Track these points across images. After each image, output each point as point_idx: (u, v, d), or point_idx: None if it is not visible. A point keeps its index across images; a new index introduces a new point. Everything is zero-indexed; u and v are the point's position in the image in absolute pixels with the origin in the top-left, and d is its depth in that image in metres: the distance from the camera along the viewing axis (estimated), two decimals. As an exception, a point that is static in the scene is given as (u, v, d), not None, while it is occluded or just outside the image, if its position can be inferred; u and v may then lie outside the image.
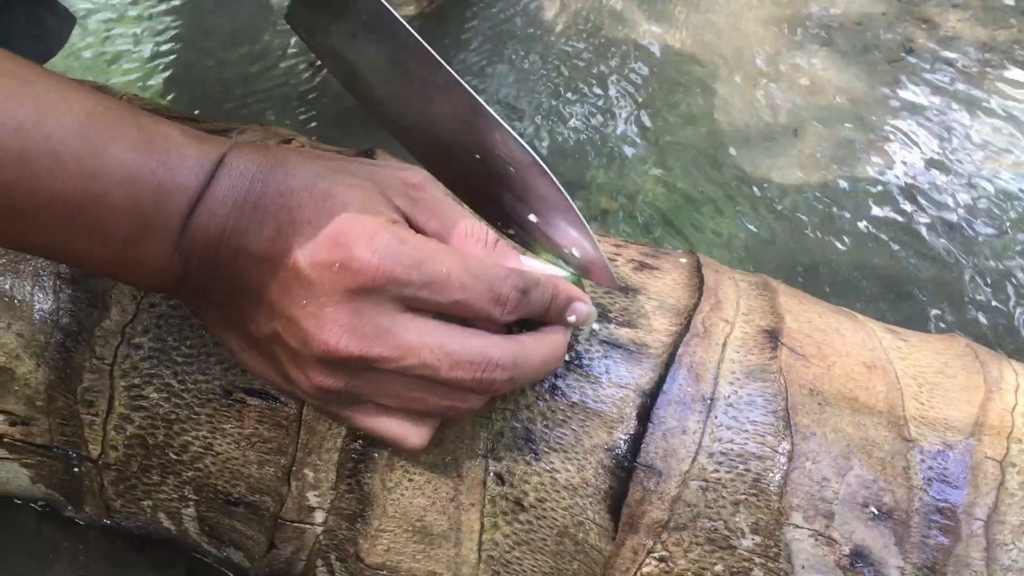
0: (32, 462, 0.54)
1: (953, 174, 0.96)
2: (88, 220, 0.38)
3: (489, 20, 1.10)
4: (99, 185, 0.38)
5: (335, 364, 0.39)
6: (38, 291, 0.51)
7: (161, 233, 0.40)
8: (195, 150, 0.41)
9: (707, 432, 0.46)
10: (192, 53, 1.03)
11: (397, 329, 0.39)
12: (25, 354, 0.51)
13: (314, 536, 0.51)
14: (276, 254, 0.39)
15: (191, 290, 0.42)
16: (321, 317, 0.38)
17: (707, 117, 1.01)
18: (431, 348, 0.40)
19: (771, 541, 0.45)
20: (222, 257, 0.40)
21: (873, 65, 1.07)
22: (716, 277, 0.53)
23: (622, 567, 0.47)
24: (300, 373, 0.41)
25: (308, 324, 0.39)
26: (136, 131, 0.39)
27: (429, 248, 0.40)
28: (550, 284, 0.43)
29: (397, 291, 0.39)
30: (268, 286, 0.39)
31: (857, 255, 0.89)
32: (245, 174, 0.41)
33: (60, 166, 0.37)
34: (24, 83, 0.37)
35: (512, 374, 0.41)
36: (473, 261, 0.40)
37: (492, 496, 0.48)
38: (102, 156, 0.38)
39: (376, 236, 0.38)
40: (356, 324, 0.39)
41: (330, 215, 0.39)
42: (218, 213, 0.40)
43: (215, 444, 0.50)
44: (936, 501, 0.46)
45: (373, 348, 0.39)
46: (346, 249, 0.38)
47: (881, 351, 0.51)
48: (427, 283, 0.39)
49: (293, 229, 0.39)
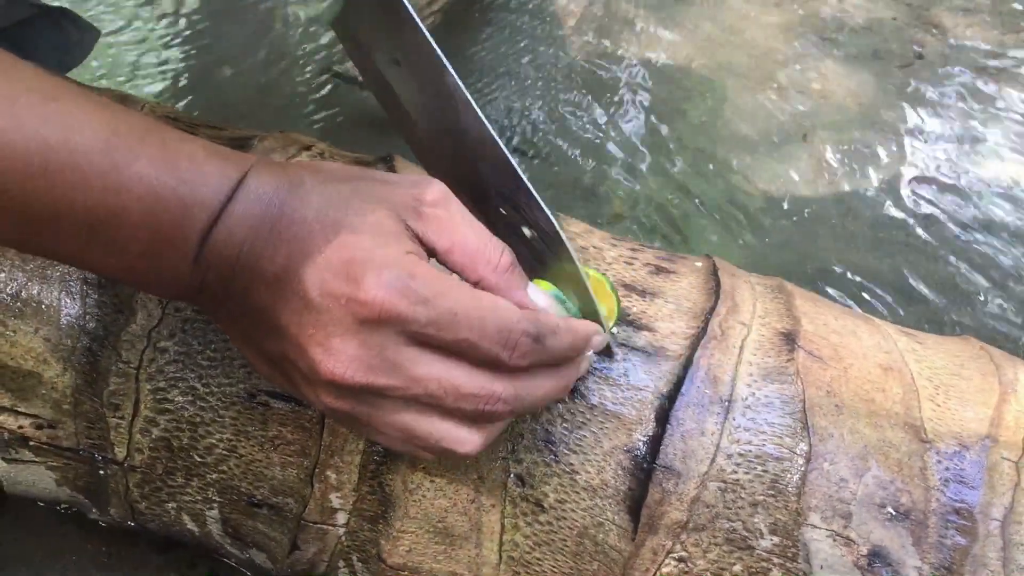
0: (58, 465, 0.55)
1: (964, 178, 0.96)
2: (108, 233, 0.39)
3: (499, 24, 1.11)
4: (120, 200, 0.39)
5: (342, 390, 0.40)
6: (65, 296, 0.52)
7: (179, 248, 0.40)
8: (216, 168, 0.41)
9: (725, 434, 0.47)
10: (208, 60, 1.05)
11: (402, 361, 0.40)
12: (52, 358, 0.52)
13: (336, 537, 0.52)
14: (287, 280, 0.40)
15: (208, 302, 0.43)
16: (328, 346, 0.39)
17: (717, 122, 1.01)
18: (437, 380, 0.40)
19: (789, 541, 0.46)
20: (238, 276, 0.41)
21: (883, 70, 1.07)
22: (732, 280, 0.54)
23: (641, 567, 0.47)
24: (311, 392, 0.42)
25: (315, 352, 0.39)
26: (158, 148, 0.40)
27: (440, 285, 0.40)
28: (568, 332, 0.43)
29: (403, 326, 0.39)
30: (279, 310, 0.40)
31: (870, 259, 0.89)
32: (263, 197, 0.41)
33: (83, 181, 0.38)
34: (50, 99, 0.38)
35: (513, 407, 0.42)
36: (487, 301, 0.41)
37: (512, 497, 0.48)
38: (124, 173, 0.39)
39: (385, 271, 0.39)
40: (362, 355, 0.39)
41: (341, 246, 0.40)
42: (236, 233, 0.41)
43: (239, 446, 0.51)
44: (953, 501, 0.46)
45: (379, 378, 0.40)
46: (355, 284, 0.39)
47: (897, 353, 0.52)
48: (433, 321, 0.39)
49: (304, 257, 0.40)
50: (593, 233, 0.57)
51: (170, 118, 0.59)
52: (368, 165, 0.58)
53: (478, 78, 1.05)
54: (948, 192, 0.95)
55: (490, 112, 1.01)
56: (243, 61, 1.05)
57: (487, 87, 1.04)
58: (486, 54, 1.08)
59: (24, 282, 0.52)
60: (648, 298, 0.51)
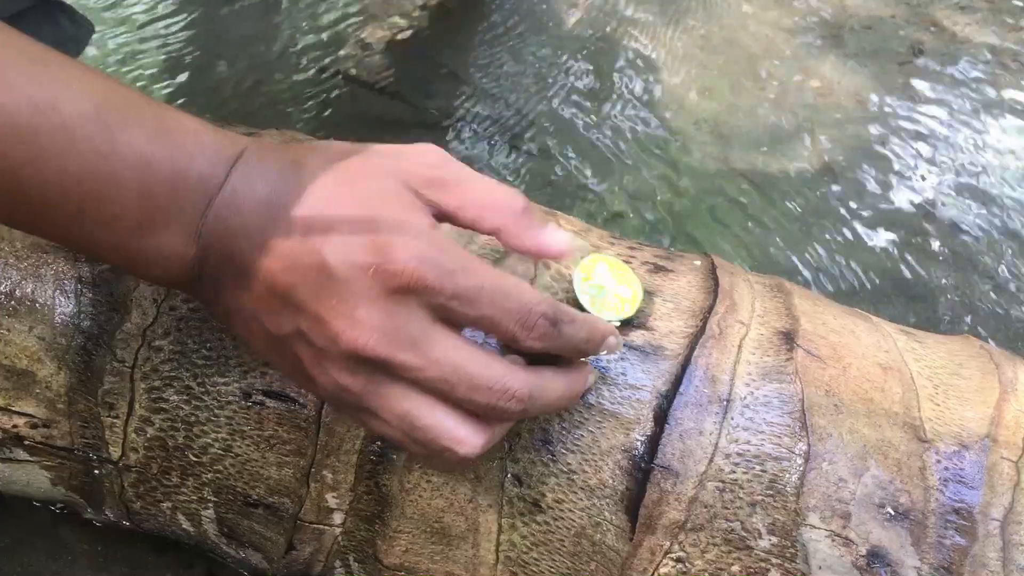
0: (53, 464, 0.55)
1: (964, 176, 0.96)
2: (99, 204, 0.38)
3: (496, 23, 1.11)
4: (111, 167, 0.37)
5: (359, 363, 0.39)
6: (59, 295, 0.51)
7: (174, 222, 0.39)
8: (212, 140, 0.40)
9: (724, 433, 0.47)
10: (203, 58, 1.04)
11: (424, 340, 0.39)
12: (47, 357, 0.51)
13: (333, 537, 0.52)
14: (302, 254, 0.39)
15: (208, 286, 0.41)
16: (353, 318, 0.38)
17: (717, 120, 1.01)
18: (453, 366, 0.39)
19: (788, 542, 0.46)
20: (243, 253, 0.40)
21: (883, 68, 1.07)
22: (731, 279, 0.54)
23: (639, 568, 0.47)
24: (320, 370, 0.40)
25: (338, 324, 0.38)
26: (152, 117, 0.39)
27: (466, 260, 0.39)
28: (586, 325, 0.42)
29: (429, 298, 0.39)
30: (294, 285, 0.39)
31: (870, 257, 0.89)
32: (267, 172, 0.40)
33: (72, 146, 0.37)
34: (40, 63, 0.37)
35: (526, 407, 0.41)
36: (510, 280, 0.40)
37: (510, 497, 0.48)
38: (116, 139, 0.37)
39: (412, 241, 0.38)
40: (387, 326, 0.38)
41: (362, 218, 0.39)
42: (240, 209, 0.40)
43: (235, 446, 0.50)
44: (952, 501, 0.46)
45: (399, 353, 0.39)
46: (382, 253, 0.38)
47: (896, 352, 0.51)
48: (459, 294, 0.39)
49: (322, 231, 0.39)
50: (591, 231, 0.56)
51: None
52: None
53: (478, 76, 1.04)
54: (949, 190, 0.95)
55: (490, 110, 1.01)
56: (241, 58, 1.04)
57: (487, 84, 1.04)
58: (485, 51, 1.07)
59: (18, 280, 0.51)
60: (646, 297, 0.51)
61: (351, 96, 1.02)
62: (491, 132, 0.99)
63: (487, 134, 0.99)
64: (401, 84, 1.03)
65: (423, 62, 1.06)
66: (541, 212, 0.42)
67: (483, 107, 1.01)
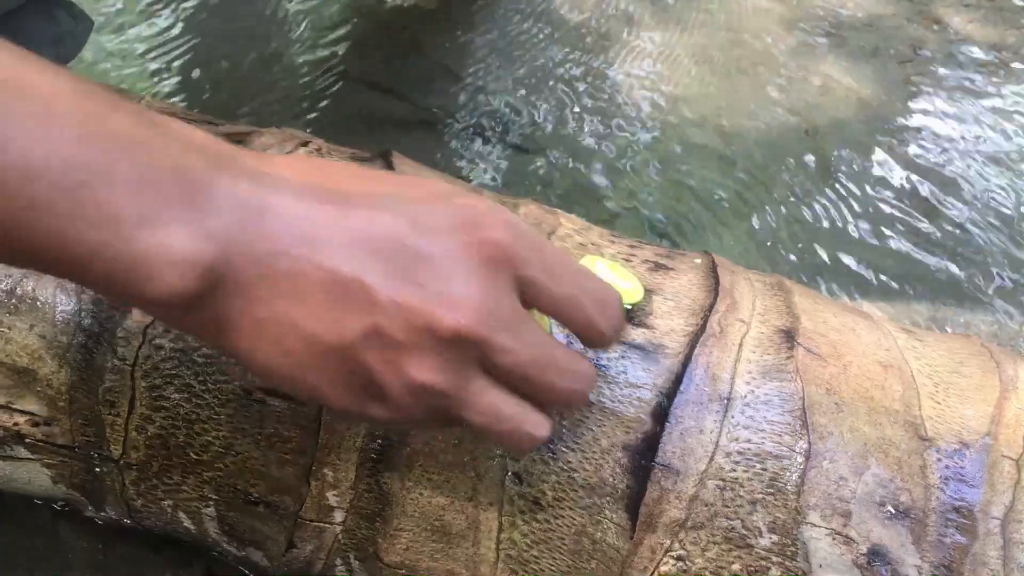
0: (54, 462, 0.55)
1: (965, 174, 0.96)
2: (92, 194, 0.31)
3: (496, 21, 1.11)
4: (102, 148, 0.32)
5: (452, 350, 0.35)
6: (60, 293, 0.51)
7: (188, 209, 0.33)
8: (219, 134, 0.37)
9: (724, 431, 0.47)
10: (203, 56, 1.04)
11: (515, 320, 0.36)
12: (48, 355, 0.51)
13: (333, 535, 0.52)
14: (374, 233, 0.34)
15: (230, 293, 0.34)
16: (446, 297, 0.34)
17: (717, 118, 1.01)
18: (542, 347, 0.37)
19: (788, 540, 0.46)
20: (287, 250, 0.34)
21: (884, 66, 1.07)
22: (731, 277, 0.54)
23: (640, 566, 0.47)
24: (396, 376, 0.35)
25: (428, 306, 0.34)
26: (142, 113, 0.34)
27: (544, 241, 0.38)
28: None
29: (521, 270, 0.36)
30: (364, 272, 0.34)
31: (870, 255, 0.89)
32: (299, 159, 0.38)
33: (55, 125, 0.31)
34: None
35: (588, 391, 0.40)
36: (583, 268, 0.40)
37: (510, 495, 0.48)
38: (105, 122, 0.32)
39: (500, 216, 0.36)
40: (484, 305, 0.35)
41: (441, 192, 0.37)
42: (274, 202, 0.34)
43: (235, 444, 0.50)
44: (953, 500, 0.46)
45: (497, 335, 0.35)
46: (475, 229, 0.35)
47: (896, 351, 0.51)
48: (547, 268, 0.37)
49: (396, 207, 0.35)
50: (591, 230, 0.56)
51: (167, 113, 0.59)
52: (366, 162, 0.57)
53: (477, 74, 1.04)
54: (949, 188, 0.94)
55: (489, 108, 1.01)
56: (240, 56, 1.04)
57: (486, 84, 1.04)
58: (485, 50, 1.07)
59: (19, 278, 0.51)
60: (646, 295, 0.51)
61: (350, 94, 1.02)
62: (490, 131, 0.99)
63: (486, 133, 0.99)
64: (400, 82, 1.03)
65: (422, 61, 1.06)
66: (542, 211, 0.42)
67: (482, 105, 1.01)
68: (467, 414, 0.37)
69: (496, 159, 0.96)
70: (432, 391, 0.36)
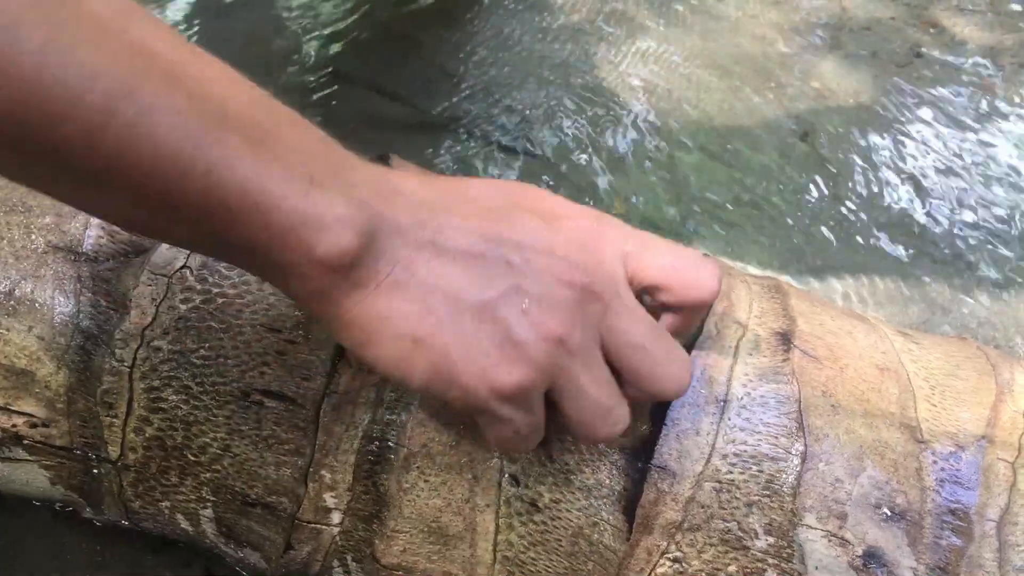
0: (52, 464, 0.55)
1: (964, 177, 0.96)
2: (271, 151, 0.34)
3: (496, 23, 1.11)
4: (271, 114, 0.36)
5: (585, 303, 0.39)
6: (59, 294, 0.51)
7: (340, 179, 0.36)
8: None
9: (720, 434, 0.47)
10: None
11: (632, 296, 0.41)
12: (46, 356, 0.51)
13: (331, 537, 0.52)
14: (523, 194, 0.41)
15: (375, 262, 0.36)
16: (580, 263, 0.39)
17: (715, 121, 1.01)
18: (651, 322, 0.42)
19: (784, 542, 0.46)
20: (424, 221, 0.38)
21: (882, 69, 1.07)
22: (728, 280, 0.54)
23: (636, 568, 0.47)
24: (532, 327, 0.37)
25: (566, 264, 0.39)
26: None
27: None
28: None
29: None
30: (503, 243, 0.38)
31: (868, 257, 0.89)
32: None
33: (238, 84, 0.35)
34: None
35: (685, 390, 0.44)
36: None
37: (507, 497, 0.48)
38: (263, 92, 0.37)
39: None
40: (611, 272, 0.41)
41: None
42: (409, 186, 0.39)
43: (233, 446, 0.50)
44: (948, 502, 0.46)
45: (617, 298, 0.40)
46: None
47: (893, 353, 0.51)
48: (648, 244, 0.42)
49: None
50: (589, 232, 0.56)
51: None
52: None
53: (477, 76, 1.05)
54: (948, 190, 0.95)
55: (489, 110, 1.01)
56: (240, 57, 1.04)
57: (486, 85, 1.04)
58: (484, 51, 1.07)
59: (17, 280, 0.52)
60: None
61: (349, 97, 1.02)
62: (491, 132, 0.99)
63: (486, 134, 0.99)
64: (399, 85, 1.03)
65: (422, 63, 1.06)
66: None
67: (482, 107, 1.01)
68: (572, 397, 0.39)
69: (497, 161, 0.97)
70: (565, 344, 0.38)
